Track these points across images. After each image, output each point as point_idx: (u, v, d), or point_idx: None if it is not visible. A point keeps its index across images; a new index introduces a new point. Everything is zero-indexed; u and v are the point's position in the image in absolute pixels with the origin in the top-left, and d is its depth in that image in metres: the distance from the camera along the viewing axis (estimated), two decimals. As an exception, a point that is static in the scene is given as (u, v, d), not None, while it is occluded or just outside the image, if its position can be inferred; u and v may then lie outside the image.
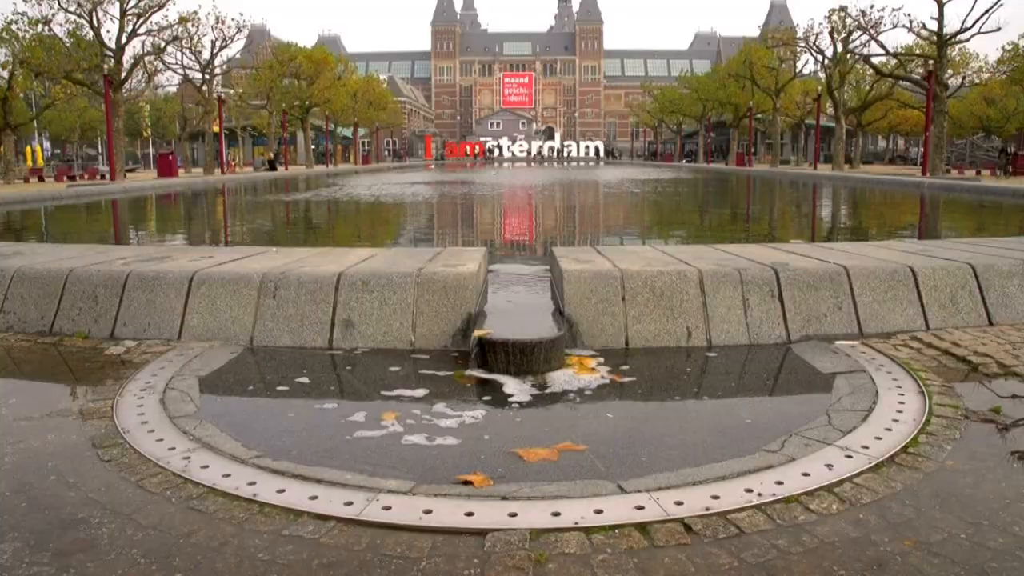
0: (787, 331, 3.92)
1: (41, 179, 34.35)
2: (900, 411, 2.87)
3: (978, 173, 34.85)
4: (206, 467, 2.41)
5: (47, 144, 64.80)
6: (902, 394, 3.06)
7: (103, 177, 34.78)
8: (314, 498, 2.19)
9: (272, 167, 44.91)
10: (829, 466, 2.38)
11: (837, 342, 3.85)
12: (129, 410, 2.96)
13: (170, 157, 35.25)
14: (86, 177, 36.90)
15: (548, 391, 3.18)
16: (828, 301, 4.01)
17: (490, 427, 2.80)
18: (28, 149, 50.12)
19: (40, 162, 46.43)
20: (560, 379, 3.30)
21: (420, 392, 3.19)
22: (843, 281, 4.06)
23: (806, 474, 2.32)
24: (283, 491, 2.24)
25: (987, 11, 28.40)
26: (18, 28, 30.68)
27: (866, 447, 2.53)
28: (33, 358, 3.81)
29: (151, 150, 75.34)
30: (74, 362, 3.73)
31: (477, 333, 3.47)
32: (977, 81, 46.68)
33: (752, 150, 54.03)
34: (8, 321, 4.26)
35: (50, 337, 4.11)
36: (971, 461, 2.44)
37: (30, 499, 2.22)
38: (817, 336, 3.93)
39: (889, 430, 2.68)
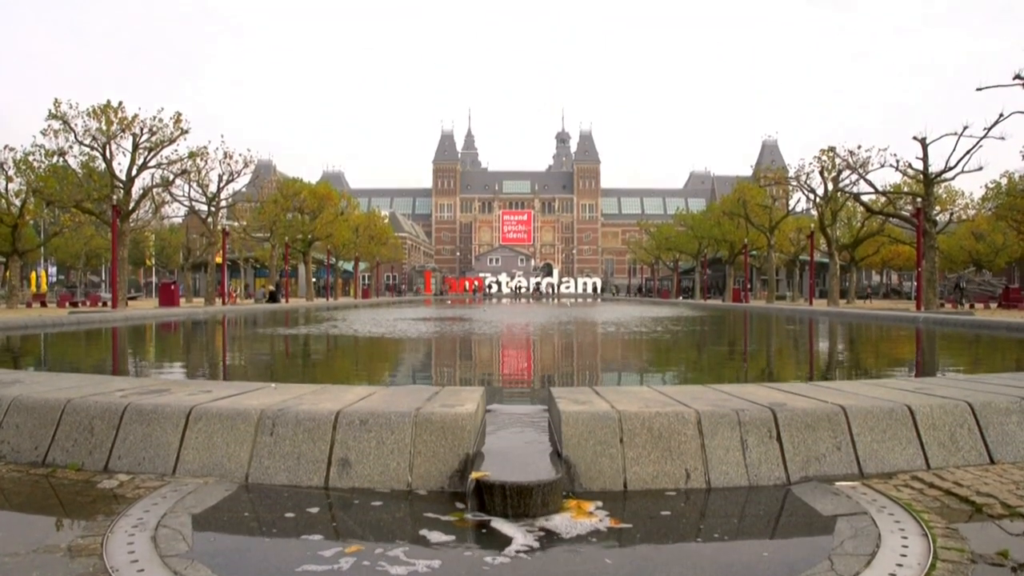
0: (786, 472, 3.89)
1: (44, 304, 34.64)
2: (904, 555, 2.82)
3: (971, 307, 35.18)
4: (195, 611, 2.35)
5: (52, 269, 65.73)
6: (905, 537, 3.02)
7: (105, 304, 35.06)
8: (305, 646, 2.13)
9: (273, 299, 45.29)
10: (833, 616, 2.33)
11: (837, 483, 3.81)
12: (119, 548, 2.90)
13: (172, 286, 35.62)
14: (88, 304, 37.20)
15: (546, 535, 3.12)
16: (827, 442, 4.00)
17: (486, 574, 2.74)
18: (33, 274, 50.72)
19: (44, 287, 46.93)
20: (558, 523, 3.25)
21: (417, 534, 3.14)
22: (841, 421, 4.06)
23: (810, 624, 2.27)
24: (273, 638, 2.18)
25: (968, 152, 29.55)
26: (34, 159, 31.67)
27: (870, 595, 2.48)
28: (23, 490, 3.76)
29: (154, 278, 76.38)
30: (65, 495, 3.68)
31: (474, 475, 3.44)
32: (964, 217, 47.87)
33: (748, 286, 54.67)
34: (1, 451, 4.23)
35: (43, 468, 4.06)
36: (979, 610, 2.39)
37: (13, 644, 2.16)
38: (817, 477, 3.90)
39: (893, 575, 2.63)
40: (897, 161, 33.98)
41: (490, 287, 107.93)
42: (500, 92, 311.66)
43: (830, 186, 39.93)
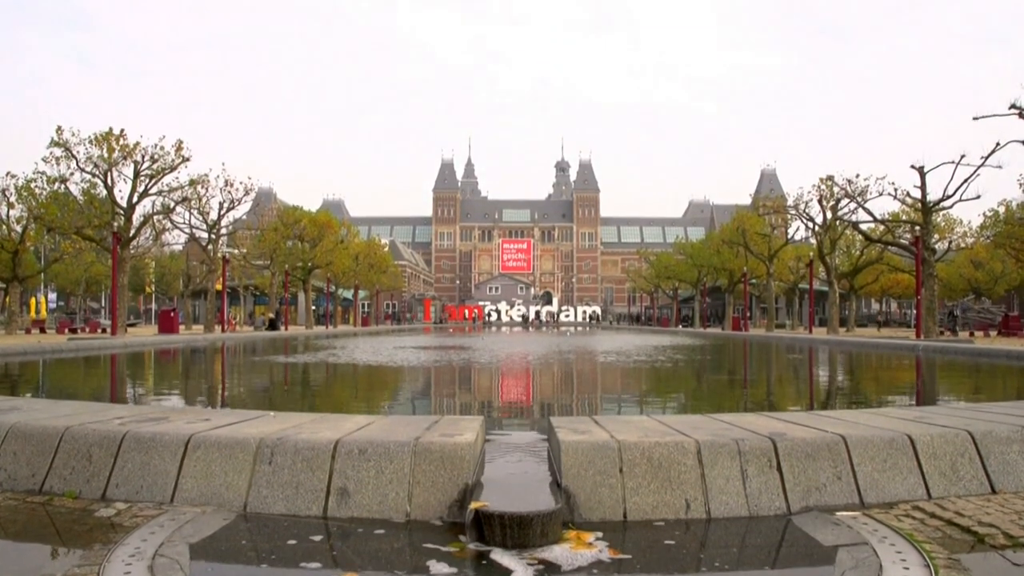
0: (787, 502, 3.87)
1: (43, 331, 34.66)
2: (905, 587, 2.81)
3: (971, 334, 35.18)
4: (192, 642, 2.34)
5: (52, 296, 65.79)
6: (907, 568, 2.99)
7: (104, 331, 35.01)
8: None
9: (272, 327, 45.25)
10: (835, 648, 2.31)
11: (838, 513, 3.79)
12: (116, 578, 2.88)
13: (172, 313, 35.60)
14: (87, 330, 37.17)
15: (545, 567, 3.10)
16: (827, 471, 3.98)
17: (485, 604, 2.73)
18: (32, 300, 50.73)
19: (43, 314, 46.94)
20: (558, 554, 3.22)
21: (415, 564, 3.12)
22: (841, 451, 4.04)
23: (811, 657, 2.25)
24: (270, 670, 2.16)
25: (966, 180, 29.63)
26: (36, 186, 31.81)
27: (872, 627, 2.46)
28: (20, 518, 3.74)
29: (154, 305, 76.46)
30: (62, 523, 3.65)
31: (474, 505, 3.42)
32: (963, 245, 47.98)
33: (748, 314, 54.65)
34: (-2, 478, 4.21)
35: (39, 496, 4.04)
36: (981, 643, 2.37)
37: (7, 676, 2.14)
38: (818, 507, 3.88)
39: (895, 608, 2.62)
40: (895, 190, 34.15)
41: (490, 315, 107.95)
42: (500, 121, 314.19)
43: (829, 215, 40.05)
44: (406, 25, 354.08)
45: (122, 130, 31.79)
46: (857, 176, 36.24)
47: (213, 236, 40.69)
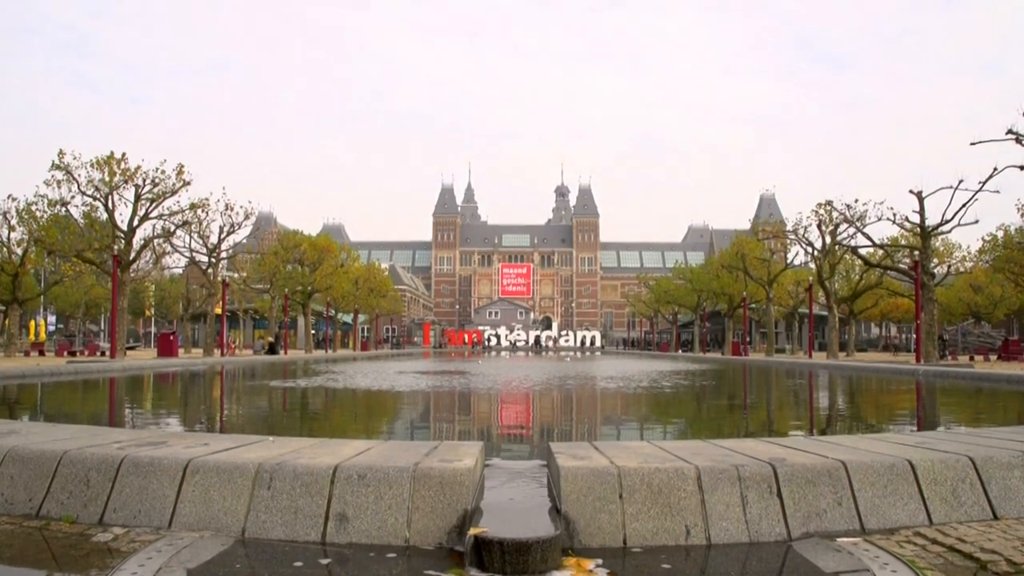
0: (787, 528, 3.85)
1: (42, 353, 34.71)
2: (907, 614, 2.78)
3: (971, 359, 35.12)
4: (189, 670, 2.32)
5: (52, 318, 65.79)
6: (909, 596, 2.98)
7: (103, 354, 35.02)
8: None
9: (272, 351, 45.17)
10: (836, 677, 2.29)
11: (839, 539, 3.77)
12: (112, 605, 2.87)
13: (171, 337, 35.55)
14: (86, 353, 37.17)
15: (545, 593, 3.08)
16: (828, 497, 3.97)
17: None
18: (32, 323, 50.78)
19: (43, 336, 46.96)
20: (557, 581, 3.20)
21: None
22: (842, 476, 4.03)
23: None
24: None
25: (964, 205, 29.72)
26: (37, 209, 31.89)
27: (873, 656, 2.44)
28: (15, 543, 3.71)
29: (153, 328, 76.47)
30: (58, 549, 3.63)
31: (473, 531, 3.41)
32: (962, 269, 48.05)
33: (747, 339, 54.59)
34: (-6, 502, 4.19)
35: (36, 520, 4.02)
36: (984, 672, 2.35)
37: None
38: (818, 533, 3.86)
39: (897, 636, 2.60)
40: (894, 214, 34.26)
41: (489, 340, 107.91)
42: (500, 147, 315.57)
43: (828, 239, 40.13)
44: (406, 52, 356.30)
45: (123, 154, 31.94)
46: (856, 201, 36.39)
47: (213, 260, 40.72)
